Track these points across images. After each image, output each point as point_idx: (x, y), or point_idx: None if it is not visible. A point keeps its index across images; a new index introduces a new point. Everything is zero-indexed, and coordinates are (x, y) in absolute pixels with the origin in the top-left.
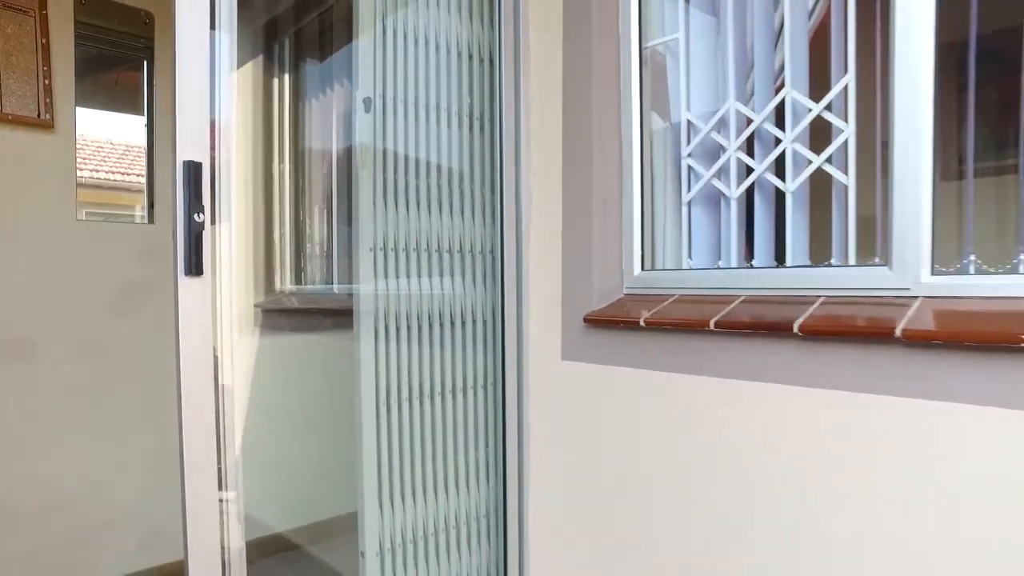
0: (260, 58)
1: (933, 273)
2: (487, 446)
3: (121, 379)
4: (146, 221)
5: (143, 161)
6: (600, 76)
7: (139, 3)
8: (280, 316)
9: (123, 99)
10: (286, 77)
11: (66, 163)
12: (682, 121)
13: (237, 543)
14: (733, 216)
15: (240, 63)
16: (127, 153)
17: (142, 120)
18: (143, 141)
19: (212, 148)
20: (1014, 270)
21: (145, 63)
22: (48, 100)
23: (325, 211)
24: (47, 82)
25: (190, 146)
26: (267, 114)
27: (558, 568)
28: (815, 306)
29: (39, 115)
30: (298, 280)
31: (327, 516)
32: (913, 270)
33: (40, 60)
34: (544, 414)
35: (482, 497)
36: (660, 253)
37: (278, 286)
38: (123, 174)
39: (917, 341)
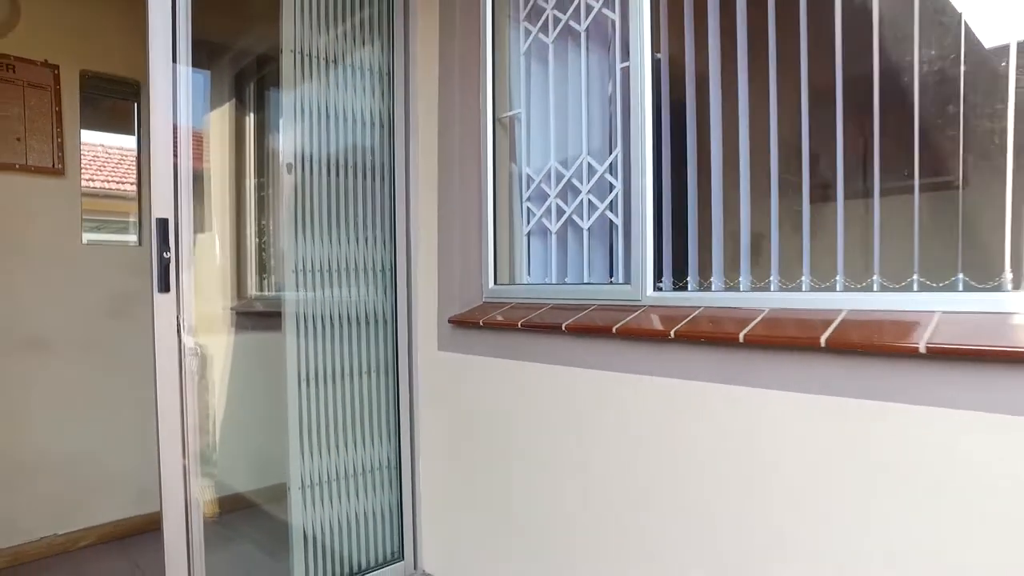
0: (233, 100)
1: (654, 289)
2: (386, 413)
3: (116, 367)
4: (137, 244)
5: (134, 172)
6: (464, 138)
7: (128, 74)
8: (247, 317)
9: (118, 123)
10: (251, 117)
11: (73, 201)
12: (523, 173)
13: (196, 497)
14: (553, 245)
15: (217, 104)
16: (121, 162)
17: (133, 139)
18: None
19: (175, 208)
20: (708, 288)
21: (136, 103)
22: (60, 154)
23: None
24: (59, 140)
25: (160, 207)
26: (239, 151)
27: (443, 504)
28: (586, 311)
29: (53, 165)
30: (261, 287)
31: (277, 480)
32: (642, 287)
33: (54, 123)
34: (427, 389)
35: (384, 452)
36: (508, 271)
37: (248, 292)
38: (118, 183)
39: (630, 336)
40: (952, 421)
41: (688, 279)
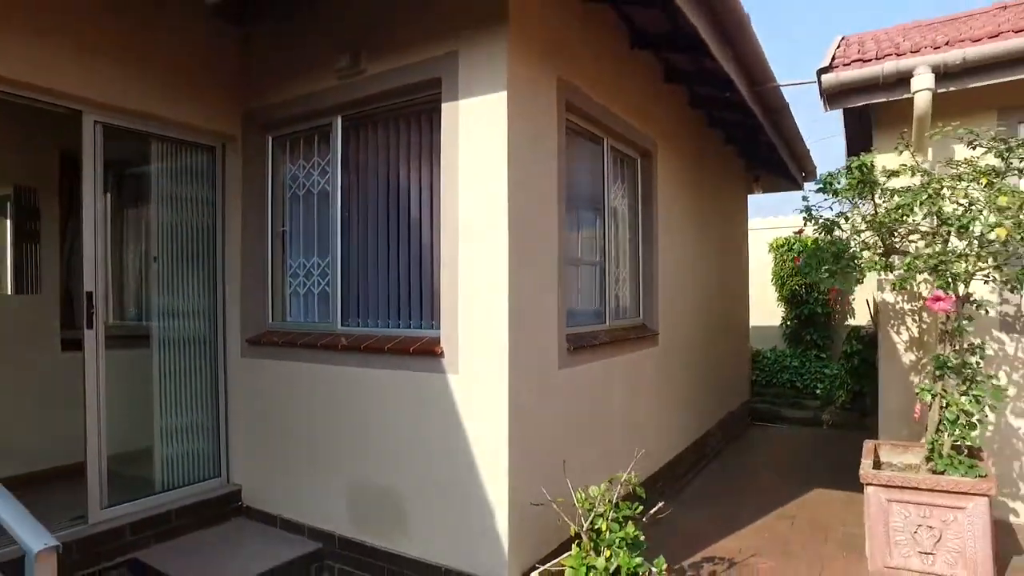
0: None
1: (342, 325)
2: (211, 392)
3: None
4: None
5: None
6: (256, 239)
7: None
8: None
9: None
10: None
11: None
12: (287, 262)
13: (104, 453)
14: (302, 301)
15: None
16: None
17: None
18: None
19: (94, 281)
20: (357, 325)
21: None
22: None
23: None
24: None
25: (88, 281)
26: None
27: (245, 441)
28: (312, 336)
29: None
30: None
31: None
32: (336, 323)
33: None
34: (234, 380)
35: (208, 414)
36: (280, 314)
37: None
38: None
39: (327, 347)
40: (377, 371)
41: (371, 321)
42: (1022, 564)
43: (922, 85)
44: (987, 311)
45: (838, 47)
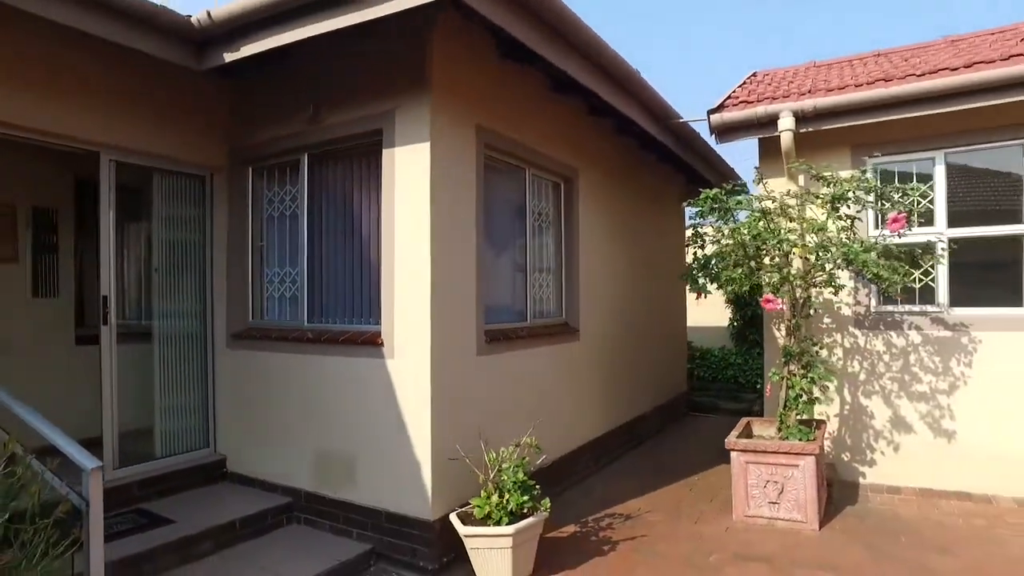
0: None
1: (308, 322)
2: (201, 377)
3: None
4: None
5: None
6: (239, 252)
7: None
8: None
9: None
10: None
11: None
12: (264, 271)
13: (116, 425)
14: (276, 303)
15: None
16: None
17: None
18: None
19: (109, 287)
20: (322, 321)
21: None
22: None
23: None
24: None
25: (104, 287)
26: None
27: (229, 416)
28: (284, 330)
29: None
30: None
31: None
32: (304, 320)
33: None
34: (221, 368)
35: (199, 395)
36: (259, 313)
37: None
38: None
39: (297, 339)
40: (334, 358)
41: (330, 318)
42: (853, 511)
43: (785, 127)
44: (842, 309)
45: (741, 84)
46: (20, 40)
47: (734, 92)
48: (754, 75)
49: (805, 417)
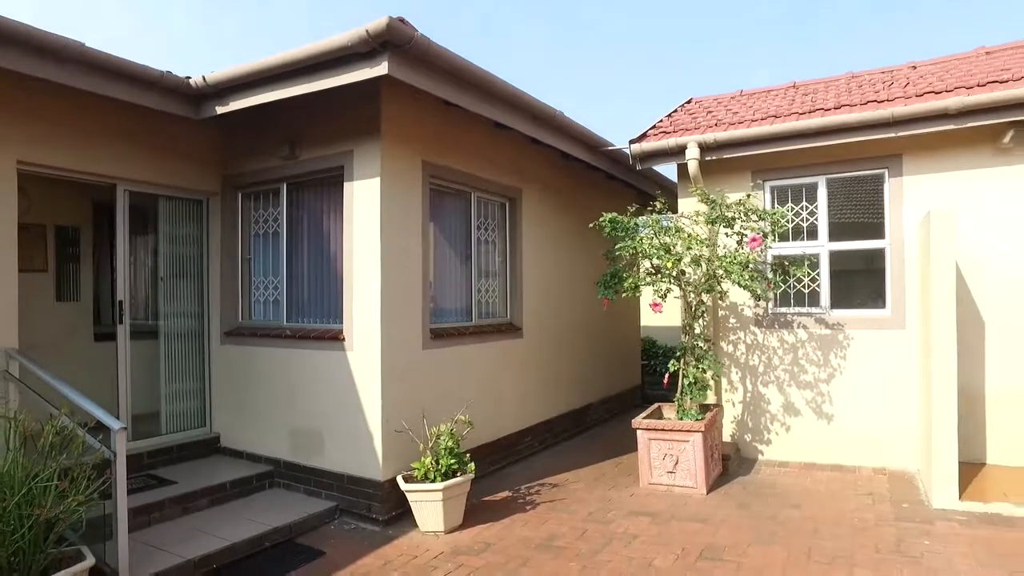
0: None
1: (287, 321)
2: (199, 369)
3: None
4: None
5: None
6: (228, 264)
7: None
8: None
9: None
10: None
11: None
12: (251, 278)
13: (130, 407)
14: (261, 306)
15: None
16: None
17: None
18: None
19: (124, 292)
20: (301, 321)
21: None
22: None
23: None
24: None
25: (119, 293)
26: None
27: (224, 401)
28: (271, 329)
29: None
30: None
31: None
32: (284, 320)
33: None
34: (216, 360)
35: (197, 383)
36: (248, 315)
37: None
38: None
39: (279, 336)
40: (307, 351)
41: (305, 319)
42: (741, 481)
43: (691, 156)
44: (744, 310)
45: (671, 112)
46: (60, 105)
47: (660, 121)
48: (689, 102)
49: (705, 402)
